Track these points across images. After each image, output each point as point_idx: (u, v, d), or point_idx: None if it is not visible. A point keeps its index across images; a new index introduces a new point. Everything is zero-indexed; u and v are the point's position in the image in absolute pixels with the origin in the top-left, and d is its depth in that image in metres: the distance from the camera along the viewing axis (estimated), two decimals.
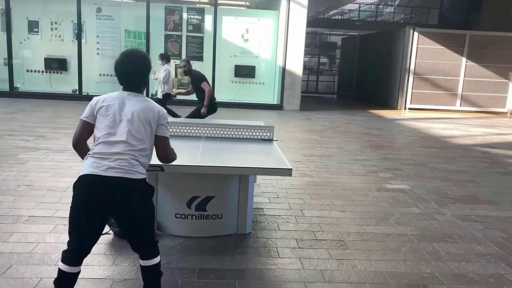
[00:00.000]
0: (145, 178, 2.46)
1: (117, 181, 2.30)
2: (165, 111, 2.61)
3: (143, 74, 2.56)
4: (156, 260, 2.49)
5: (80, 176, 2.35)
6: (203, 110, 7.34)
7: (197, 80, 7.48)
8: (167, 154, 2.62)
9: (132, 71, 2.52)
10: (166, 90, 8.93)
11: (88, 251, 2.39)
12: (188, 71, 7.60)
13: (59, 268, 2.33)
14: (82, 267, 2.98)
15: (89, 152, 2.43)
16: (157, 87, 9.41)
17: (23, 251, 3.28)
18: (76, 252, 2.34)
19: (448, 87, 14.37)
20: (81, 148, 2.54)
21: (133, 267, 3.13)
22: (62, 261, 2.33)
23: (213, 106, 7.55)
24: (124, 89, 2.55)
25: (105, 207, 2.33)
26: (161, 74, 8.97)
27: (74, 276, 2.34)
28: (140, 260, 2.50)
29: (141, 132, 2.44)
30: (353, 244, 3.76)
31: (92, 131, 2.49)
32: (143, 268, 2.50)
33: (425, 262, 3.49)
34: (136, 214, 2.37)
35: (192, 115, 7.56)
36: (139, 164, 2.41)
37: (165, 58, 9.17)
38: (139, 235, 2.46)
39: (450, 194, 5.33)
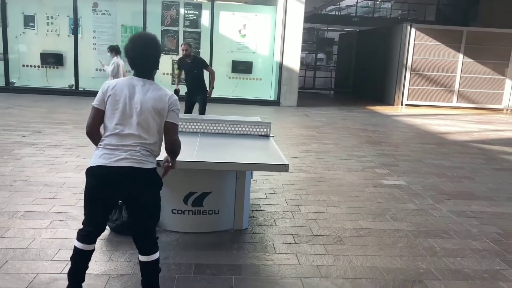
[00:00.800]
0: (155, 168, 2.52)
1: (129, 171, 2.37)
2: (175, 97, 2.56)
3: (152, 57, 2.53)
4: (155, 256, 2.53)
5: (91, 167, 2.41)
6: (209, 91, 7.51)
7: (202, 64, 7.39)
8: (174, 141, 2.57)
9: (140, 55, 2.50)
10: None
11: (101, 231, 2.54)
12: (189, 55, 7.30)
13: (75, 246, 2.48)
14: None
15: (100, 143, 2.47)
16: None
17: (19, 247, 3.27)
18: (90, 231, 2.48)
19: (445, 84, 14.40)
20: (94, 136, 2.55)
21: (130, 263, 3.13)
22: (78, 239, 2.47)
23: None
24: (135, 74, 2.54)
25: (116, 195, 2.46)
26: (109, 67, 8.63)
27: (89, 253, 2.50)
28: (140, 256, 2.53)
29: (150, 123, 2.45)
30: (349, 239, 3.77)
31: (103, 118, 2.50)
32: (142, 264, 2.52)
33: (421, 257, 3.50)
34: (144, 201, 2.46)
35: (202, 110, 7.58)
36: (149, 154, 2.47)
37: (114, 50, 8.73)
38: (144, 224, 2.51)
39: (446, 190, 5.35)
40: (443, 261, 3.45)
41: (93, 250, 2.52)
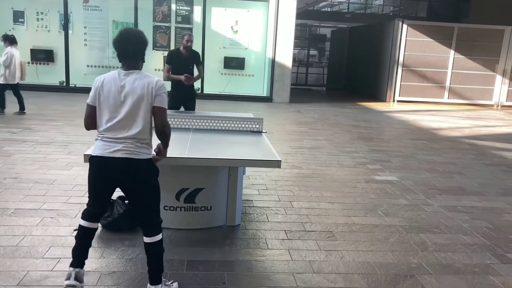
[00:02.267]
0: (151, 159, 2.67)
1: (124, 161, 2.55)
2: (162, 82, 2.68)
3: (137, 49, 2.67)
4: (158, 237, 2.68)
5: (92, 156, 2.63)
6: (186, 79, 5.78)
7: (197, 59, 6.20)
8: (163, 124, 2.67)
9: (126, 47, 2.64)
10: (7, 75, 8.29)
11: (104, 210, 2.77)
12: (191, 48, 6.04)
13: (79, 224, 2.67)
14: (70, 261, 2.96)
15: (98, 134, 2.65)
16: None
17: (9, 244, 3.25)
18: (93, 208, 2.68)
19: (436, 80, 14.47)
20: (93, 129, 2.75)
21: (121, 259, 3.12)
22: (82, 218, 2.67)
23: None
24: (122, 67, 2.67)
25: (114, 182, 2.64)
26: (2, 58, 8.27)
27: (92, 231, 2.70)
28: (144, 237, 2.67)
29: (140, 111, 2.58)
30: (341, 235, 3.78)
31: None
32: (146, 245, 2.67)
33: (413, 252, 3.52)
34: (141, 190, 2.62)
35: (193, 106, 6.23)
36: (143, 145, 2.61)
37: (8, 40, 8.36)
38: (146, 209, 2.67)
39: (437, 186, 5.39)
40: (434, 256, 3.48)
41: (96, 229, 2.72)
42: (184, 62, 5.99)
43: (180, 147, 3.64)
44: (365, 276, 3.11)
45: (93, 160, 2.63)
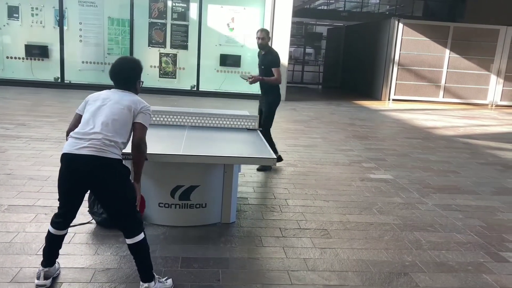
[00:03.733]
0: (120, 160, 2.62)
1: (90, 159, 2.50)
2: (149, 106, 2.79)
3: (128, 78, 2.82)
4: (140, 237, 2.62)
5: (62, 154, 2.60)
6: (251, 79, 5.40)
7: (270, 62, 5.45)
8: (141, 139, 2.69)
9: (119, 77, 2.80)
10: None
11: (73, 216, 2.71)
12: (266, 44, 5.51)
13: (48, 230, 2.67)
14: (64, 257, 2.97)
15: (70, 133, 2.66)
16: None
17: (2, 241, 3.23)
18: (63, 216, 2.66)
19: (432, 79, 14.51)
20: None
21: (116, 256, 3.11)
22: (51, 224, 2.66)
23: (278, 96, 5.73)
24: (116, 87, 2.83)
25: (81, 181, 2.57)
26: None
27: (59, 238, 2.69)
28: (126, 239, 2.63)
29: (118, 116, 2.63)
30: (336, 233, 3.79)
31: None
32: (129, 246, 2.63)
33: (407, 250, 3.54)
34: (109, 190, 2.56)
35: (263, 122, 5.45)
36: (113, 145, 2.57)
37: None
38: (117, 210, 2.61)
39: (432, 184, 5.41)
40: (428, 254, 3.49)
41: (64, 235, 2.72)
42: (260, 61, 5.65)
43: (175, 144, 3.64)
44: (359, 274, 3.11)
45: (62, 158, 2.59)
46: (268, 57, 5.52)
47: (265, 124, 5.44)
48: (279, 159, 5.69)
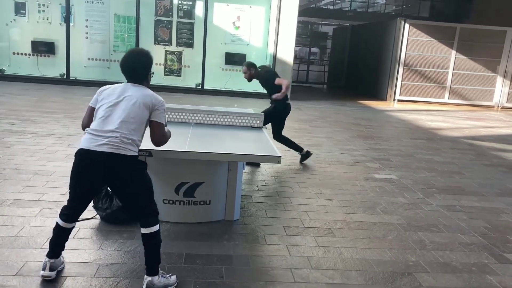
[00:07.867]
0: (137, 156, 2.67)
1: (108, 156, 2.53)
2: (162, 99, 2.78)
3: (140, 70, 2.79)
4: (155, 228, 2.67)
5: (78, 149, 2.61)
6: (275, 96, 5.57)
7: (268, 80, 5.68)
8: (159, 139, 2.79)
9: (131, 69, 2.77)
10: None
11: (82, 210, 2.74)
12: (253, 75, 5.74)
13: (56, 222, 2.70)
14: (69, 252, 2.98)
15: (87, 128, 2.67)
16: None
17: (7, 235, 3.25)
18: (72, 209, 2.69)
19: (437, 80, 14.46)
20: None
21: (120, 252, 3.12)
22: (60, 216, 2.69)
23: (286, 107, 5.77)
24: (128, 81, 2.82)
25: (99, 177, 2.60)
26: None
27: (67, 231, 2.72)
28: (141, 228, 2.67)
29: (135, 114, 2.64)
30: (339, 232, 3.79)
31: None
32: (143, 235, 2.67)
33: (411, 250, 3.53)
34: (128, 186, 2.61)
35: (273, 133, 5.84)
36: (130, 142, 2.61)
37: None
38: (134, 203, 2.68)
39: (436, 185, 5.39)
40: (432, 254, 3.48)
41: (72, 228, 2.74)
42: (261, 85, 5.92)
43: (180, 141, 3.64)
44: (362, 273, 3.11)
45: (78, 153, 2.61)
46: (264, 78, 5.74)
47: (274, 131, 5.85)
48: (308, 154, 5.96)
